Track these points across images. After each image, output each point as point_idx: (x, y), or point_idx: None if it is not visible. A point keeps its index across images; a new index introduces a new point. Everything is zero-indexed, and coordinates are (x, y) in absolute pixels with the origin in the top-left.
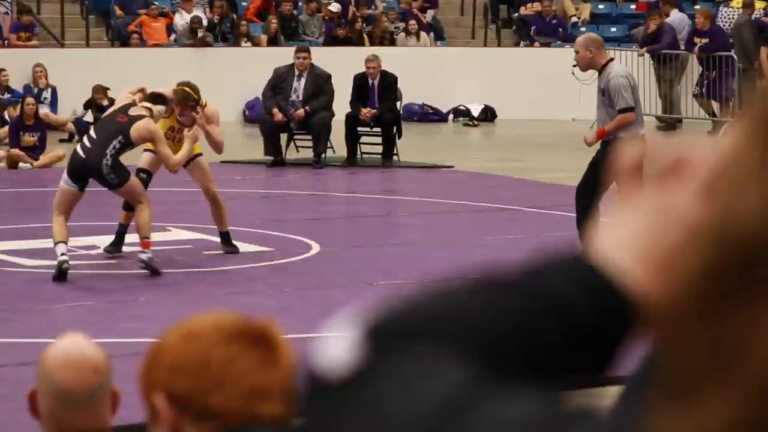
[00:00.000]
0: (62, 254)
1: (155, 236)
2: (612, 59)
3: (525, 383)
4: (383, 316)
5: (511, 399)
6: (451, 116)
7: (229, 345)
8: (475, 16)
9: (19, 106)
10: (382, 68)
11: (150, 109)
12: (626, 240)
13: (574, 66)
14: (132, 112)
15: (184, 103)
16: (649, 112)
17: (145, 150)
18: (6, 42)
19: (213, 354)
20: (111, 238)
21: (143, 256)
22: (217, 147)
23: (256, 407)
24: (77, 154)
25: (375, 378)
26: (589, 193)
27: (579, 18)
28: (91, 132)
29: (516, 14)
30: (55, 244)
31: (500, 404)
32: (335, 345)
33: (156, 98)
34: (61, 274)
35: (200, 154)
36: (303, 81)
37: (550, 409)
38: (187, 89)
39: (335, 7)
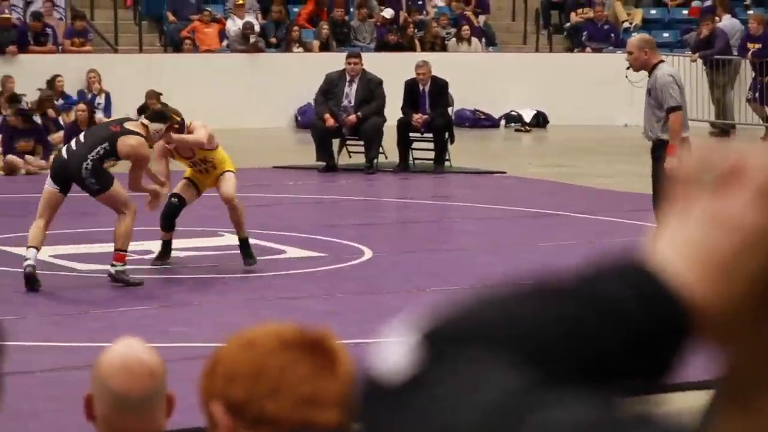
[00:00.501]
0: (28, 259)
1: (208, 241)
2: (662, 60)
3: (579, 389)
4: (438, 321)
5: (565, 405)
6: (502, 122)
7: (285, 353)
8: (526, 22)
9: (73, 111)
10: (433, 74)
11: (146, 127)
12: (682, 246)
13: (628, 69)
14: (127, 125)
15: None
16: (702, 117)
17: (184, 178)
18: (60, 48)
19: (268, 361)
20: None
21: (111, 270)
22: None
23: (311, 414)
24: (61, 155)
25: (430, 383)
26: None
27: (631, 23)
28: (81, 136)
29: (568, 23)
30: (27, 247)
31: (555, 410)
32: (391, 350)
33: (156, 116)
34: (26, 280)
35: (230, 171)
36: (354, 86)
37: (605, 414)
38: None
39: (388, 13)
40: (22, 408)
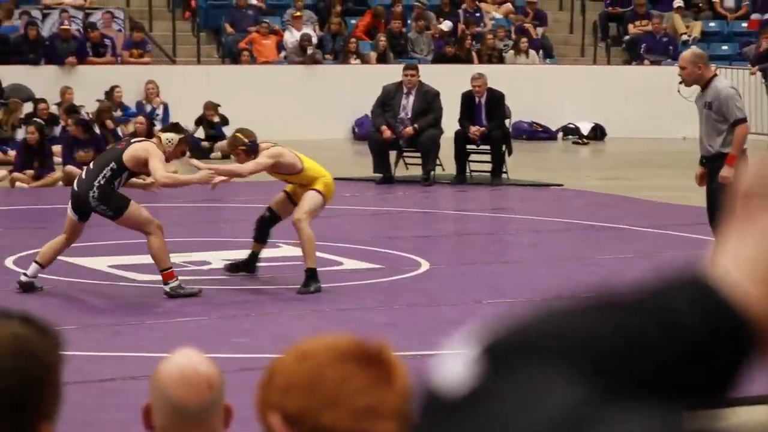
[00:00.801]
0: (25, 273)
1: (266, 252)
2: (716, 74)
3: (640, 403)
4: (498, 334)
5: (627, 418)
6: (560, 134)
7: (343, 364)
8: (584, 34)
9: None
10: (490, 86)
11: (159, 138)
12: (742, 262)
13: (680, 83)
14: (134, 140)
15: (232, 148)
16: (761, 131)
17: (283, 191)
18: (119, 59)
19: (326, 373)
20: (222, 254)
21: (166, 288)
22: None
23: (368, 426)
24: (73, 187)
25: (490, 397)
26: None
27: (689, 36)
28: (90, 164)
29: (626, 36)
30: (33, 261)
31: (617, 423)
32: (452, 363)
33: (170, 126)
34: (22, 289)
35: (314, 190)
36: (411, 98)
37: (667, 428)
38: (238, 134)
39: (446, 26)
40: (80, 417)
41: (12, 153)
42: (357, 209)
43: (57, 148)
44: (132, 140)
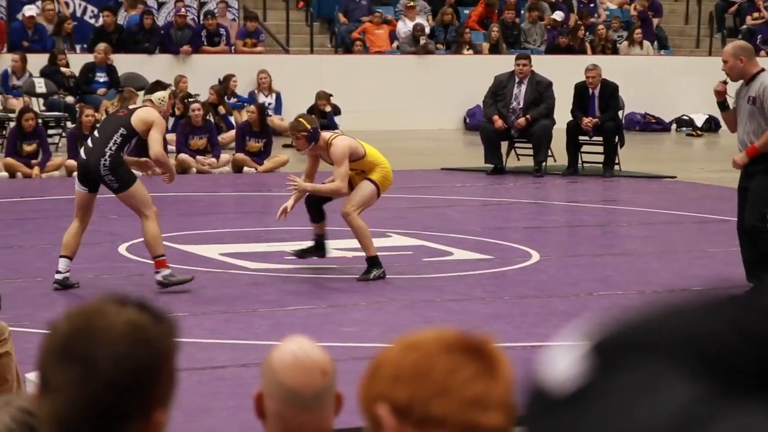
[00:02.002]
0: (58, 272)
1: (377, 242)
2: (763, 69)
3: (758, 400)
4: (609, 330)
5: (744, 415)
6: (674, 126)
7: (450, 355)
8: (699, 26)
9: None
10: (603, 77)
11: (150, 100)
12: None
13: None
14: (132, 106)
15: (294, 132)
16: None
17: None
18: (232, 48)
19: (434, 363)
20: (332, 243)
21: (158, 277)
22: (336, 192)
23: (477, 416)
24: (80, 156)
25: (602, 393)
26: (748, 228)
27: None
28: (95, 133)
29: (744, 26)
30: (60, 256)
31: (736, 421)
32: (561, 359)
33: (153, 87)
34: (60, 286)
35: (369, 179)
36: (524, 88)
37: None
38: (301, 119)
39: (559, 16)
40: (193, 404)
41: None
42: (468, 200)
43: (171, 136)
44: (129, 106)
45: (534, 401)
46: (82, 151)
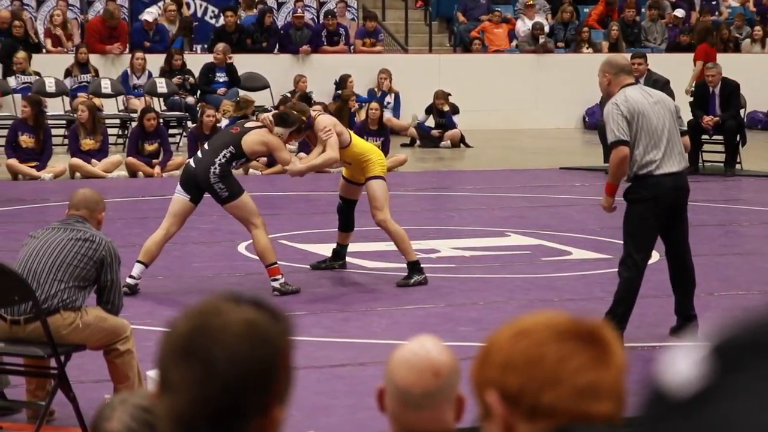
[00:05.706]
0: (131, 277)
1: (495, 241)
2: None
3: None
4: (729, 332)
5: None
6: None
7: (561, 343)
8: None
9: (364, 110)
10: (724, 75)
11: (270, 125)
12: None
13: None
14: (247, 125)
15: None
16: None
17: (342, 176)
18: (352, 48)
19: (545, 351)
20: (451, 242)
21: (275, 284)
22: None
23: (588, 406)
24: (189, 165)
25: (721, 396)
26: None
27: None
28: (205, 145)
29: None
30: (137, 261)
31: None
32: (682, 361)
33: (279, 119)
34: (129, 290)
35: (375, 177)
36: None
37: None
38: (293, 112)
39: (680, 13)
40: (310, 402)
41: None
42: (586, 199)
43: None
44: (244, 125)
45: (654, 403)
46: (191, 161)
